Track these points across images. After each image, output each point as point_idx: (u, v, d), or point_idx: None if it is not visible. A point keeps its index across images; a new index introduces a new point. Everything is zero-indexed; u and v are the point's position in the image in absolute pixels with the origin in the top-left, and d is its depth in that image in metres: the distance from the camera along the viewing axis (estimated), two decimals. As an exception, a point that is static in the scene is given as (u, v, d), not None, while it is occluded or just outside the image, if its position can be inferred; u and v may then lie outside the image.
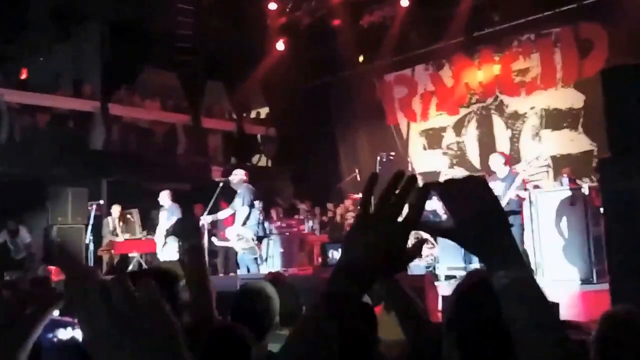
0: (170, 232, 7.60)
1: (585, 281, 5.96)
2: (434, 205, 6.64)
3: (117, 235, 8.92)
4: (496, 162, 6.66)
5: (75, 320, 1.07)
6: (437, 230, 0.83)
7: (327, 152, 12.10)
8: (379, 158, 8.28)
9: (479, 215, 0.76)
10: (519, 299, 0.73)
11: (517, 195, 6.25)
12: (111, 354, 0.48)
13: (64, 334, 1.23)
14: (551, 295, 0.89)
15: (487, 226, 0.76)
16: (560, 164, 9.07)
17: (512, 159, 9.85)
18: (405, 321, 1.49)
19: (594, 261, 5.98)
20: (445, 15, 10.20)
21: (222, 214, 7.53)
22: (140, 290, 0.51)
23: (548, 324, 0.73)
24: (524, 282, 0.75)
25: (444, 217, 0.82)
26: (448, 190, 0.78)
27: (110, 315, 0.49)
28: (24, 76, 10.24)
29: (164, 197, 8.20)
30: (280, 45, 11.90)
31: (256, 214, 7.33)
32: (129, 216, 8.99)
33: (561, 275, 6.03)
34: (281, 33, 11.88)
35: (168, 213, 8.03)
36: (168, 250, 7.32)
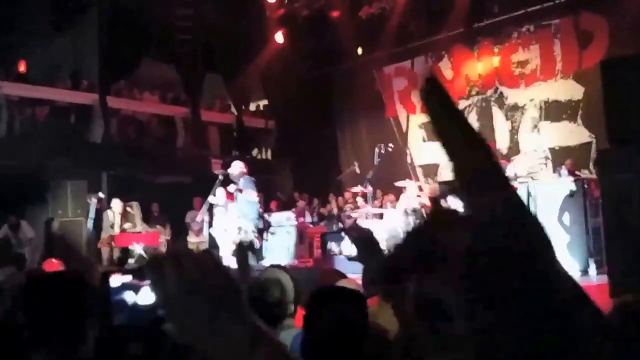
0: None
1: (584, 272, 6.00)
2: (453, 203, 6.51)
3: (116, 229, 8.91)
4: None
5: (143, 283, 1.22)
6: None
7: (327, 144, 12.10)
8: (377, 150, 8.29)
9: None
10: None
11: None
12: (182, 314, 0.56)
13: (131, 296, 1.31)
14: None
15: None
16: (559, 156, 9.08)
17: (511, 150, 9.89)
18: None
19: (593, 252, 6.01)
20: (444, 7, 10.16)
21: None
22: (205, 258, 0.59)
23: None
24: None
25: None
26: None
27: (181, 280, 0.56)
28: (22, 68, 10.19)
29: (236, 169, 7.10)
30: (279, 37, 11.86)
31: (256, 207, 7.33)
32: (128, 209, 8.99)
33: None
34: (280, 24, 11.83)
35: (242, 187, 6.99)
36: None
